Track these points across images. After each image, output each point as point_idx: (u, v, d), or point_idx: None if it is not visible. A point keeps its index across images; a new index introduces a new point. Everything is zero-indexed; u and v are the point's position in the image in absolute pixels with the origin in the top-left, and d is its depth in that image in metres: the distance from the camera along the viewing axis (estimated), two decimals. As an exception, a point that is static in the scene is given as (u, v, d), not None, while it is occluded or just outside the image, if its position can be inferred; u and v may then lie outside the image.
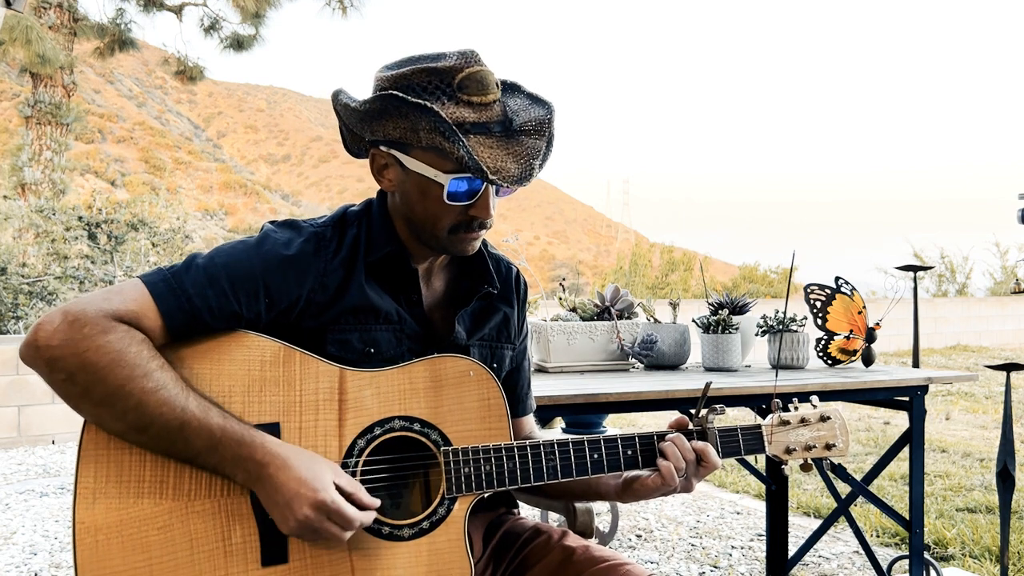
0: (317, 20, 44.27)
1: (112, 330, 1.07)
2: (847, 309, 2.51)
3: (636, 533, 3.75)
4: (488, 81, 1.19)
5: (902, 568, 2.96)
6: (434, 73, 1.18)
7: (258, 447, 1.10)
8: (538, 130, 1.20)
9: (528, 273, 1.51)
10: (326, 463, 1.13)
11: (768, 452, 1.35)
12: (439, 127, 1.14)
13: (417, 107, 1.14)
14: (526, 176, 1.17)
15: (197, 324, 1.14)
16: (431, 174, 1.19)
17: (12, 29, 10.78)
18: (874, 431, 6.22)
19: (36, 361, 1.06)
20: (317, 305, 1.22)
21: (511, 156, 1.17)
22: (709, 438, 1.31)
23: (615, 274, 18.84)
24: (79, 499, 1.08)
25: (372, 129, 1.22)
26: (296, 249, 1.22)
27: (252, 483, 1.11)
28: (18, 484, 4.87)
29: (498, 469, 1.22)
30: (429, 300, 1.35)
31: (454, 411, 1.23)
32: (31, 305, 8.27)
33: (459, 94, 1.18)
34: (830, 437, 1.36)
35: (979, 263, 23.69)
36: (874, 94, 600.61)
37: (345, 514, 1.09)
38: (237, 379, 1.15)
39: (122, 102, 70.73)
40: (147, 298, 1.12)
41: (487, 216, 1.23)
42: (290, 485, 1.08)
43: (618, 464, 1.27)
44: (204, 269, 1.16)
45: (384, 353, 1.26)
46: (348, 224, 1.30)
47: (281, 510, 1.09)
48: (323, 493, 1.08)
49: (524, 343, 1.49)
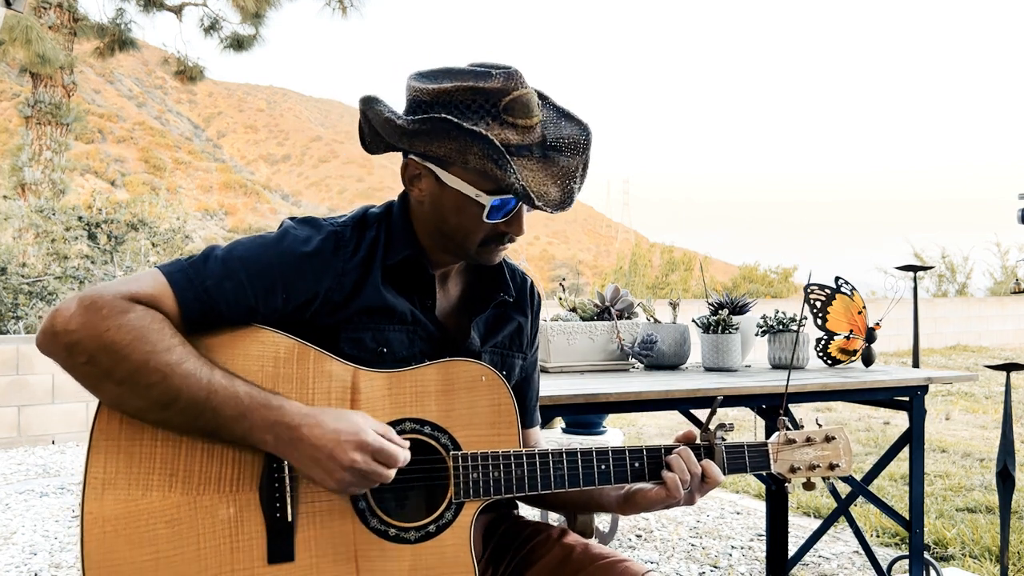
0: (317, 20, 44.41)
1: (131, 310, 1.07)
2: (847, 309, 2.51)
3: (636, 533, 3.75)
4: (532, 104, 1.20)
5: (902, 568, 2.96)
6: (479, 93, 1.17)
7: (287, 410, 1.11)
8: (572, 149, 1.21)
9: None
10: (355, 412, 1.15)
11: (773, 470, 1.35)
12: (491, 154, 1.13)
13: (471, 134, 1.14)
14: (567, 201, 1.18)
15: (213, 315, 1.14)
16: (472, 193, 1.19)
17: (12, 29, 10.78)
18: (874, 431, 6.22)
19: (54, 347, 1.06)
20: (333, 304, 1.22)
21: (551, 179, 1.19)
22: (716, 454, 1.31)
23: (615, 274, 18.84)
24: (88, 489, 1.08)
25: (412, 144, 1.20)
26: (315, 247, 1.22)
27: (284, 446, 1.11)
28: (18, 484, 4.87)
29: (506, 476, 1.22)
30: (444, 305, 1.35)
31: (465, 416, 1.23)
32: (31, 305, 8.27)
33: (504, 116, 1.17)
34: (834, 457, 1.37)
35: (979, 263, 23.71)
36: (874, 94, 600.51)
37: (389, 451, 1.10)
38: (251, 374, 1.15)
39: (122, 102, 70.70)
40: (165, 286, 1.12)
41: (520, 233, 1.25)
42: (328, 437, 1.09)
43: (625, 476, 1.27)
44: (222, 261, 1.17)
45: (396, 354, 1.26)
46: (368, 226, 1.29)
47: (324, 464, 1.09)
48: (364, 434, 1.10)
49: (535, 355, 1.49)
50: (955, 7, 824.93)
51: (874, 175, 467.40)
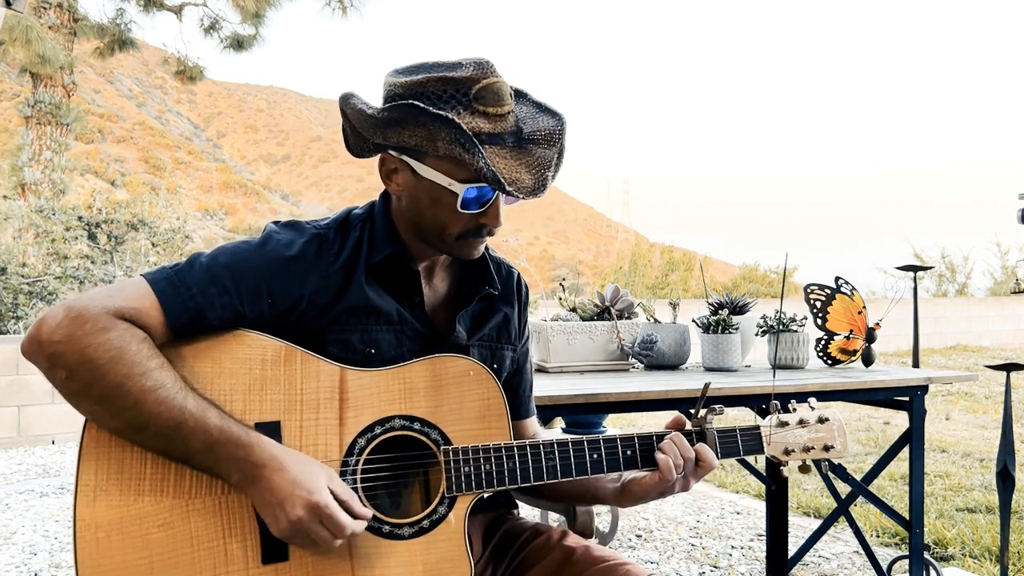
0: (317, 20, 44.42)
1: (113, 327, 1.07)
2: (847, 309, 2.51)
3: (636, 533, 3.75)
4: (503, 93, 1.20)
5: (902, 568, 2.96)
6: (450, 83, 1.18)
7: (255, 448, 1.10)
8: (548, 140, 1.21)
9: (528, 273, 1.51)
10: (323, 468, 1.13)
11: (767, 453, 1.35)
12: (459, 139, 1.14)
13: (437, 118, 1.14)
14: (540, 188, 1.18)
15: (200, 322, 1.14)
16: (445, 182, 1.19)
17: (12, 29, 10.78)
18: (874, 431, 6.22)
19: (37, 356, 1.06)
20: (319, 307, 1.22)
21: (524, 167, 1.19)
22: (708, 438, 1.31)
23: (615, 274, 18.84)
24: (80, 496, 1.08)
25: (386, 135, 1.21)
26: (298, 250, 1.23)
27: (246, 484, 1.10)
28: (18, 484, 4.87)
29: (498, 468, 1.22)
30: (431, 301, 1.35)
31: (454, 410, 1.23)
32: (31, 305, 8.27)
33: (475, 104, 1.18)
34: (828, 438, 1.37)
35: (979, 263, 23.71)
36: (874, 94, 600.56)
37: (337, 519, 1.08)
38: (239, 378, 1.15)
39: (122, 102, 70.71)
40: (150, 296, 1.12)
41: (497, 224, 1.25)
42: (284, 486, 1.08)
43: (617, 464, 1.28)
44: (207, 268, 1.17)
45: (384, 354, 1.26)
46: (351, 227, 1.30)
47: (273, 510, 1.08)
48: (317, 496, 1.08)
49: (525, 346, 1.49)
50: (955, 7, 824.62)
51: (874, 175, 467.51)
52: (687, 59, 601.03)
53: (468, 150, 1.14)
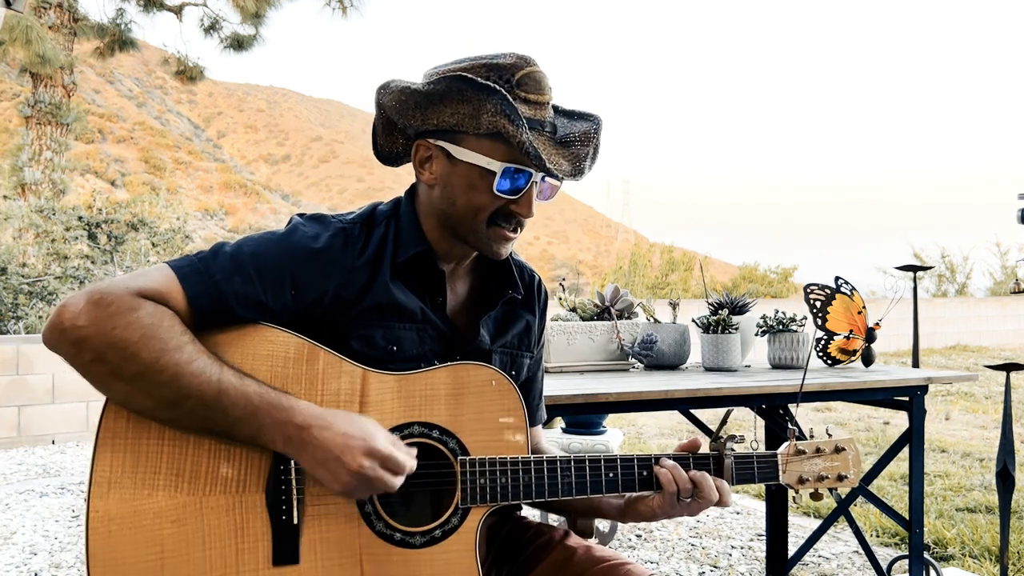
0: (317, 20, 44.36)
1: (140, 306, 1.06)
2: (847, 309, 2.51)
3: (636, 533, 3.76)
4: (544, 82, 1.23)
5: (902, 568, 2.96)
6: (493, 68, 1.20)
7: (296, 410, 1.10)
8: (583, 140, 1.24)
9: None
10: (366, 418, 1.14)
11: (781, 481, 1.34)
12: (505, 110, 1.15)
13: (484, 88, 1.15)
14: (578, 171, 1.22)
15: (223, 310, 1.13)
16: (483, 162, 1.20)
17: (12, 29, 10.78)
18: (874, 431, 6.23)
19: (61, 343, 1.05)
20: (343, 301, 1.22)
21: (561, 155, 1.21)
22: (725, 465, 1.30)
23: (615, 274, 18.83)
24: (94, 487, 1.07)
25: (426, 116, 1.22)
26: (324, 243, 1.22)
27: (293, 447, 1.10)
28: (18, 484, 4.87)
29: (513, 482, 1.21)
30: (453, 303, 1.34)
31: (473, 420, 1.22)
32: (31, 305, 8.27)
33: (517, 90, 1.20)
34: (843, 468, 1.36)
35: (979, 263, 23.70)
36: (876, 95, 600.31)
37: (397, 459, 1.10)
38: (260, 375, 1.14)
39: (122, 102, 70.68)
40: (174, 281, 1.11)
41: (528, 213, 1.25)
42: (337, 440, 1.08)
43: (632, 484, 1.27)
44: (231, 256, 1.16)
45: (406, 352, 1.25)
46: (376, 223, 1.29)
47: (331, 466, 1.08)
48: (373, 440, 1.09)
49: (540, 352, 1.49)
50: (955, 7, 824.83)
51: (874, 175, 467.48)
52: (688, 59, 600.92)
53: (513, 122, 1.15)
